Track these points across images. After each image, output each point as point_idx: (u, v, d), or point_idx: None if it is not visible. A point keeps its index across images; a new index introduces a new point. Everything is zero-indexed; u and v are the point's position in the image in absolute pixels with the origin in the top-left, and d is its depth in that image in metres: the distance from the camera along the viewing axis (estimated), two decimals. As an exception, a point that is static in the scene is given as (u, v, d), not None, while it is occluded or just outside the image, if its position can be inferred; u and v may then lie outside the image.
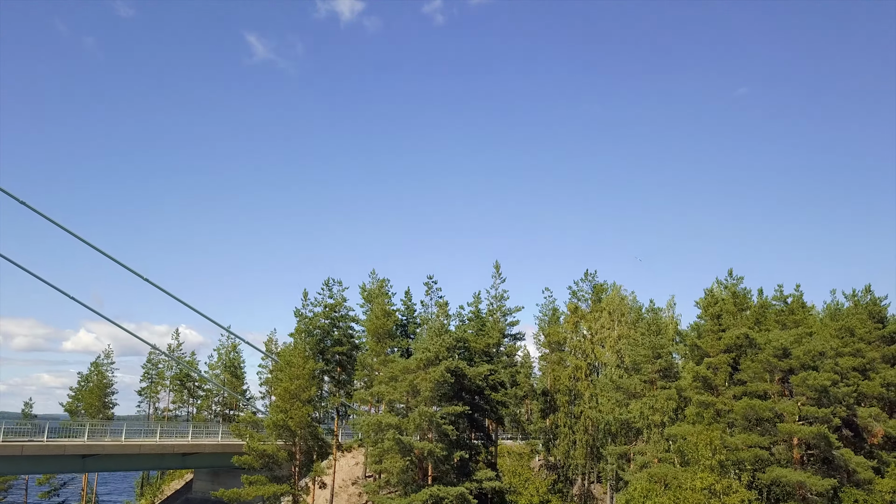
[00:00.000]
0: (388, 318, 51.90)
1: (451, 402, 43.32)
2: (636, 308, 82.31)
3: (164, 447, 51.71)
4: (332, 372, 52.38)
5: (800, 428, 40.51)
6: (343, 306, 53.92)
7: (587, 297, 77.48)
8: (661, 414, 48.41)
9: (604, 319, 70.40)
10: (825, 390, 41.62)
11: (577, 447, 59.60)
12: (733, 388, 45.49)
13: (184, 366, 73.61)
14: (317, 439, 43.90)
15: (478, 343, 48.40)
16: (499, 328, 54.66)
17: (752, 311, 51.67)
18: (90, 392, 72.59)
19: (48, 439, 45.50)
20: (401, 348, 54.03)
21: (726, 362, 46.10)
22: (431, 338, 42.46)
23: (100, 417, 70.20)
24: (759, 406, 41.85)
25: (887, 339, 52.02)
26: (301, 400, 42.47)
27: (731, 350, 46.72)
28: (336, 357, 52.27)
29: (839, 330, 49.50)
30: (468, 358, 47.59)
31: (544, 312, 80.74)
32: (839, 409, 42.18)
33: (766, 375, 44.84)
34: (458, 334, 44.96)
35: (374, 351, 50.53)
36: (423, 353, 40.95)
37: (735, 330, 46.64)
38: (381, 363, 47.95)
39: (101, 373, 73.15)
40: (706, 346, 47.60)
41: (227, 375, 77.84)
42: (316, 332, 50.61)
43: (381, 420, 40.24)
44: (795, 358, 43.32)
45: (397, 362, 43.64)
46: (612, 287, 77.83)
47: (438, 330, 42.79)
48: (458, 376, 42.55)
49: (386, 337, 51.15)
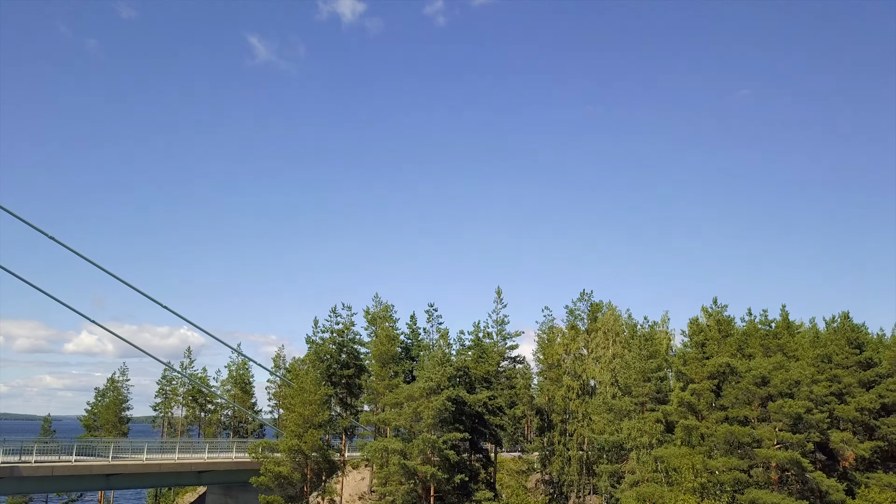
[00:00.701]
0: (392, 343, 55.08)
1: (453, 424, 46.57)
2: (631, 325, 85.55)
3: (182, 465, 54.87)
4: (340, 394, 55.57)
5: (775, 453, 43.66)
6: (350, 330, 57.20)
7: (583, 315, 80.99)
8: (650, 436, 51.51)
9: (599, 338, 73.69)
10: (800, 417, 44.79)
11: (571, 464, 62.76)
12: (716, 413, 48.64)
13: (196, 382, 76.89)
14: (328, 461, 47.12)
15: (478, 370, 51.60)
16: (499, 351, 57.83)
17: (735, 337, 54.78)
18: (106, 407, 75.79)
19: (76, 460, 48.73)
20: (404, 371, 57.18)
21: (709, 388, 49.29)
22: (434, 367, 45.66)
23: (116, 433, 73.36)
24: (739, 431, 45.01)
25: (863, 364, 55.09)
26: (314, 425, 45.70)
27: (715, 377, 49.92)
28: (343, 380, 55.47)
29: (815, 359, 52.61)
30: (469, 383, 50.77)
31: (543, 330, 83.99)
32: (813, 434, 45.33)
33: (747, 402, 48.01)
34: (458, 363, 48.11)
35: (379, 375, 53.68)
36: (426, 382, 44.16)
37: (718, 358, 49.84)
38: (386, 387, 51.22)
39: (116, 388, 76.40)
40: (691, 372, 50.81)
41: (237, 391, 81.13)
42: (326, 358, 53.82)
43: (387, 445, 43.45)
44: (773, 386, 46.51)
45: (402, 388, 46.90)
46: (608, 306, 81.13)
47: (440, 359, 45.99)
48: (458, 403, 45.77)
49: (390, 361, 54.32)
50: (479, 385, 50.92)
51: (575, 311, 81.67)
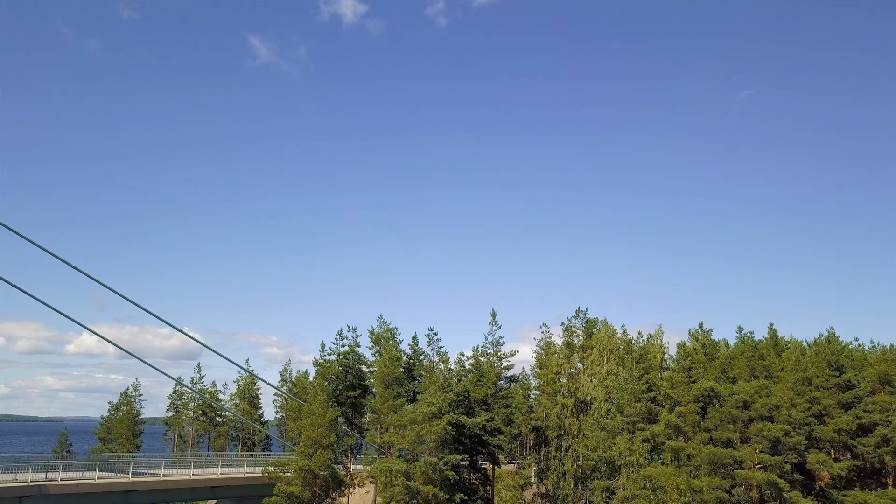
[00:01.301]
0: (395, 365, 58.13)
1: (453, 446, 49.66)
2: (626, 341, 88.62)
3: (196, 481, 57.96)
4: (346, 413, 58.63)
5: (755, 474, 46.71)
6: (355, 352, 60.28)
7: (579, 332, 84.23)
8: (639, 455, 54.56)
9: (594, 356, 76.79)
10: (778, 440, 47.85)
11: (566, 478, 65.74)
12: (701, 435, 51.66)
13: (206, 398, 79.99)
14: (335, 479, 50.18)
15: (477, 393, 54.64)
16: (495, 372, 60.87)
17: (720, 360, 57.78)
18: (120, 421, 78.87)
19: (99, 477, 51.82)
20: (407, 391, 60.20)
21: (695, 411, 52.29)
22: (435, 392, 48.74)
23: (129, 446, 76.44)
24: (721, 453, 48.08)
25: (842, 386, 58.13)
26: (322, 446, 48.75)
27: (700, 400, 52.94)
28: (349, 400, 58.53)
29: (795, 382, 55.61)
30: (468, 406, 53.83)
31: (541, 346, 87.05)
32: (791, 455, 48.36)
33: (730, 424, 51.05)
34: (459, 388, 51.13)
35: (383, 396, 56.73)
36: (428, 407, 47.24)
37: (703, 382, 52.89)
38: (390, 407, 54.29)
39: (130, 403, 79.50)
40: (678, 395, 53.81)
41: (244, 405, 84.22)
42: (332, 379, 56.88)
43: (391, 466, 46.51)
44: (754, 409, 49.59)
45: (405, 411, 49.98)
46: (603, 323, 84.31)
47: (442, 385, 49.07)
48: (458, 427, 48.83)
49: (393, 383, 57.36)
50: (478, 407, 53.96)
51: (571, 327, 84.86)
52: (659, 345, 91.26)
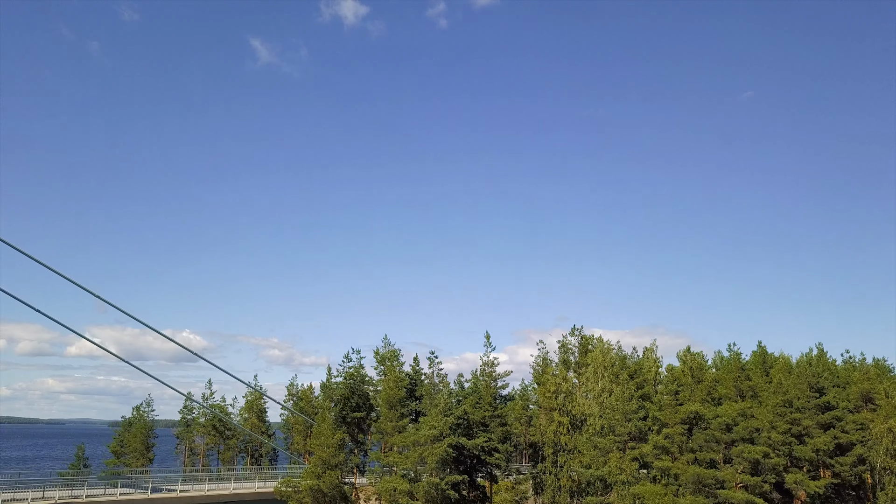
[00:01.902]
0: (399, 387, 61.45)
1: (453, 465, 52.99)
2: (621, 357, 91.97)
3: (211, 497, 61.20)
4: (352, 432, 61.94)
5: (736, 494, 49.99)
6: (360, 373, 63.59)
7: (575, 349, 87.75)
8: (628, 473, 57.82)
9: (589, 373, 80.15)
10: (758, 461, 51.17)
11: (561, 493, 69.01)
12: (687, 455, 54.93)
13: (216, 413, 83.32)
14: (343, 497, 53.47)
15: (475, 415, 57.93)
16: (491, 392, 64.19)
17: (707, 383, 60.98)
18: (133, 435, 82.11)
19: (121, 493, 55.13)
20: (410, 411, 63.52)
21: (681, 433, 55.56)
22: (437, 416, 52.06)
23: (143, 460, 79.74)
24: (704, 473, 51.36)
25: (822, 407, 61.42)
26: (331, 466, 52.08)
27: (686, 422, 56.21)
28: (355, 420, 61.87)
29: (776, 405, 58.87)
30: (467, 427, 57.10)
31: (538, 363, 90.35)
32: (770, 476, 51.66)
33: (714, 445, 54.34)
34: (458, 412, 54.42)
35: (388, 416, 60.05)
36: (430, 430, 50.56)
37: (689, 405, 56.14)
38: (394, 428, 57.58)
39: (142, 417, 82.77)
40: (665, 417, 57.08)
41: (253, 419, 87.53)
42: (339, 401, 60.23)
43: (395, 486, 49.82)
44: (736, 432, 52.93)
45: (409, 433, 53.30)
46: (598, 340, 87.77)
47: (443, 409, 52.39)
48: (458, 448, 52.14)
49: (397, 404, 60.68)
50: (477, 428, 57.25)
51: (567, 344, 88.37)
52: (653, 359, 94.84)
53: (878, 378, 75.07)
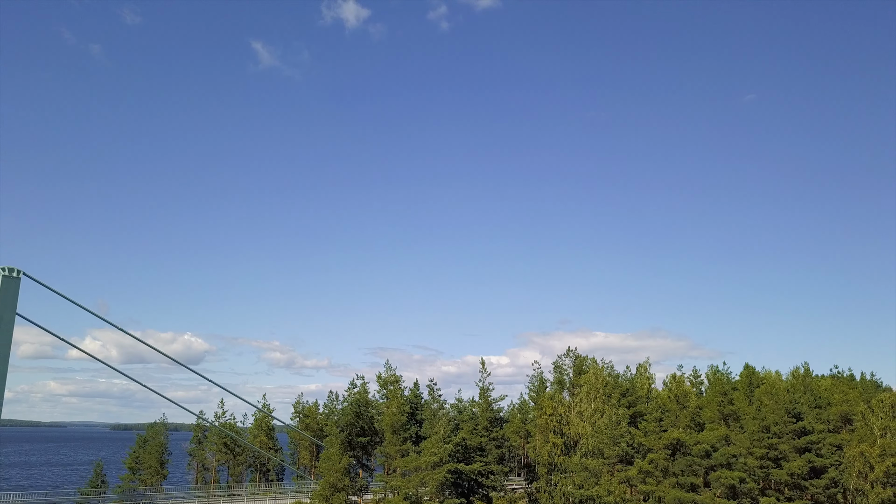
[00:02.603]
0: (401, 413, 65.64)
1: (453, 487, 57.11)
2: (614, 376, 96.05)
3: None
4: (358, 456, 66.11)
5: (713, 516, 54.02)
6: (364, 399, 67.77)
7: (569, 371, 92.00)
8: (616, 496, 61.85)
9: (583, 395, 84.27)
10: (734, 486, 55.20)
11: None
12: (669, 479, 58.99)
13: (228, 432, 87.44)
14: (349, 518, 57.61)
15: (472, 441, 62.05)
16: (487, 416, 68.33)
17: (690, 409, 65.02)
18: (148, 453, 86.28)
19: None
20: (411, 435, 67.69)
21: (664, 457, 59.64)
22: (437, 443, 56.22)
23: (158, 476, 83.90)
24: (684, 497, 55.40)
25: (798, 432, 65.36)
26: (338, 489, 56.22)
27: (669, 447, 60.28)
28: (360, 444, 66.05)
29: (754, 432, 62.84)
30: (465, 451, 61.21)
31: (534, 384, 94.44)
32: (745, 500, 55.69)
33: (695, 470, 58.40)
34: (457, 440, 58.56)
35: (391, 441, 64.24)
36: (431, 457, 54.72)
37: (672, 432, 60.21)
38: (397, 451, 61.72)
39: (158, 438, 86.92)
40: (650, 443, 61.16)
41: (262, 437, 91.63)
42: (345, 427, 64.40)
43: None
44: (715, 458, 57.00)
45: (411, 458, 57.45)
46: (591, 361, 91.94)
47: (442, 437, 56.55)
48: (457, 472, 56.27)
49: (400, 429, 64.86)
50: (474, 453, 61.38)
51: (562, 366, 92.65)
52: (646, 376, 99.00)
53: (859, 398, 78.85)
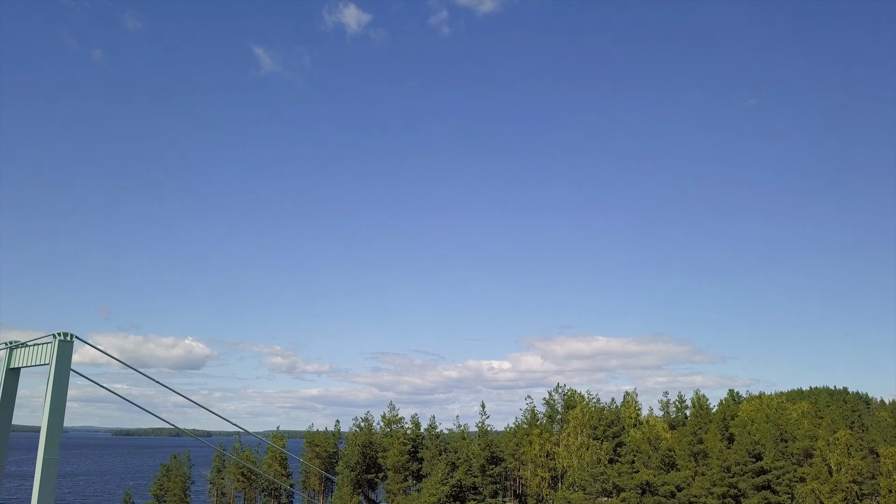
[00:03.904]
0: (402, 452, 73.82)
1: (448, 523, 65.25)
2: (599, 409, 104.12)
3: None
4: (365, 492, 74.28)
5: (675, 550, 62.10)
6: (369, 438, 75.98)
7: (559, 406, 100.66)
8: (594, 529, 69.98)
9: (570, 430, 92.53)
10: (694, 524, 63.29)
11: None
12: (639, 516, 67.06)
13: (245, 462, 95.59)
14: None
15: (467, 481, 70.19)
16: (484, 456, 76.50)
17: (662, 451, 73.11)
18: (172, 481, 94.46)
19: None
20: (413, 471, 75.87)
21: (635, 497, 67.71)
22: (435, 484, 64.38)
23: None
24: (651, 533, 63.51)
25: (757, 471, 73.42)
26: (348, 526, 64.36)
27: (640, 487, 68.37)
28: (367, 481, 74.23)
29: (715, 473, 70.91)
30: (460, 490, 69.30)
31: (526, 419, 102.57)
32: (704, 536, 63.73)
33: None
34: (453, 482, 66.73)
35: (394, 479, 72.43)
36: (430, 497, 62.86)
37: (643, 473, 68.34)
38: (401, 490, 69.86)
39: (181, 468, 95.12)
40: (622, 483, 69.24)
41: (276, 466, 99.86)
42: (354, 466, 72.63)
43: (402, 544, 62.07)
44: (679, 498, 65.12)
45: (412, 496, 65.64)
46: (579, 397, 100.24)
47: (441, 479, 64.75)
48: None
49: (402, 468, 73.06)
50: (469, 493, 69.52)
51: (552, 402, 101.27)
52: (634, 406, 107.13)
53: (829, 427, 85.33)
